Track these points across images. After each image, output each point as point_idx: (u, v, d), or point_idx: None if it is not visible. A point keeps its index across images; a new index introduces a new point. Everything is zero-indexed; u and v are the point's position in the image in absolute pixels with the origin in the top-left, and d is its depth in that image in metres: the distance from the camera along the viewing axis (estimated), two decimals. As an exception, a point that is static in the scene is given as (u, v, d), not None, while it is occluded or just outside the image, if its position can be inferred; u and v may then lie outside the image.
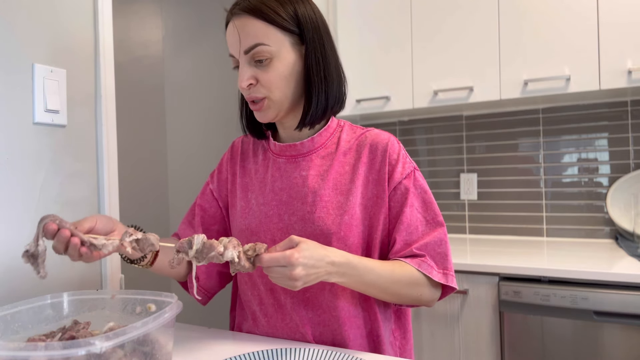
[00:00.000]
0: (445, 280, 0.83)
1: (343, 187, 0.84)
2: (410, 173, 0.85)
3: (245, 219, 0.89)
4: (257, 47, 0.78)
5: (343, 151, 0.87)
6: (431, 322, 1.63)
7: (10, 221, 0.87)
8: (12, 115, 0.88)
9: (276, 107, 0.83)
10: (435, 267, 0.83)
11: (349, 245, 0.82)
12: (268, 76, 0.80)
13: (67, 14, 0.99)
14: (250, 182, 0.93)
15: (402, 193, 0.84)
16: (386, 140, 0.86)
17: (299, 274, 0.68)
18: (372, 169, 0.85)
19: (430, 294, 0.84)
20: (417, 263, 0.81)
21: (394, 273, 0.79)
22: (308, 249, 0.70)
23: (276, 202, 0.87)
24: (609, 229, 1.90)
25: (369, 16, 2.05)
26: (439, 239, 0.83)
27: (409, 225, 0.83)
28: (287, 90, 0.82)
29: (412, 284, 0.81)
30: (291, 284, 0.69)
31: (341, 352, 0.75)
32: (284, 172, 0.88)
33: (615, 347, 1.33)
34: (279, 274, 0.69)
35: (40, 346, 0.51)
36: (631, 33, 1.58)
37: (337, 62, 0.86)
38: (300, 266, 0.68)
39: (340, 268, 0.73)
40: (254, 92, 0.81)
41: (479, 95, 1.83)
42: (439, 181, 2.23)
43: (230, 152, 1.00)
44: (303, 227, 0.83)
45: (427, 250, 0.83)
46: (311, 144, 0.88)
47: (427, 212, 0.85)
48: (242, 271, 0.71)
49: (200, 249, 0.70)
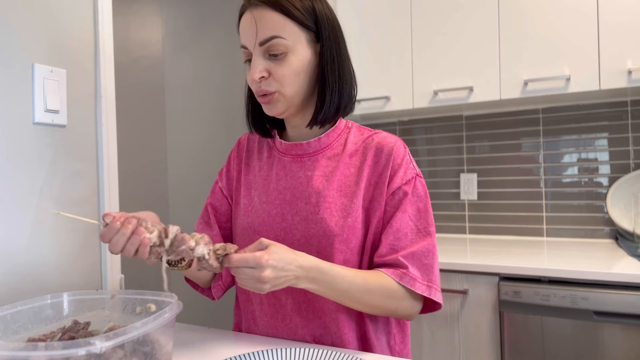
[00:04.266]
0: (428, 293, 0.79)
1: (348, 190, 0.83)
2: (411, 179, 0.83)
3: (248, 217, 0.89)
4: (273, 39, 0.77)
5: (349, 153, 0.86)
6: (431, 322, 1.63)
7: (10, 221, 0.87)
8: (12, 115, 0.88)
9: (286, 102, 0.82)
10: (420, 278, 0.79)
11: (350, 248, 0.82)
12: (282, 70, 0.79)
13: (67, 14, 0.99)
14: (254, 179, 0.92)
15: (399, 198, 0.82)
16: (392, 144, 0.84)
17: (267, 276, 0.67)
18: (374, 172, 0.84)
19: (409, 307, 0.81)
20: (399, 276, 0.78)
21: (367, 282, 0.76)
22: (277, 251, 0.69)
23: (280, 201, 0.86)
24: (609, 229, 1.90)
25: (369, 16, 2.05)
26: (427, 250, 0.81)
27: (398, 230, 0.81)
28: (299, 87, 0.81)
29: (387, 296, 0.78)
30: (259, 287, 0.68)
31: (341, 352, 0.75)
32: (289, 171, 0.88)
33: (615, 347, 1.33)
34: (247, 275, 0.67)
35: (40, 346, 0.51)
36: (631, 33, 1.58)
37: (349, 63, 0.86)
38: (269, 268, 0.67)
39: (309, 273, 0.72)
40: (265, 85, 0.80)
41: (479, 95, 1.83)
42: (439, 181, 2.23)
43: (236, 149, 0.99)
44: (306, 227, 0.83)
45: (413, 260, 0.80)
46: (317, 144, 0.87)
47: (420, 220, 0.83)
48: (208, 270, 0.70)
49: (172, 242, 0.69)
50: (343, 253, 0.81)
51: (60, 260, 0.97)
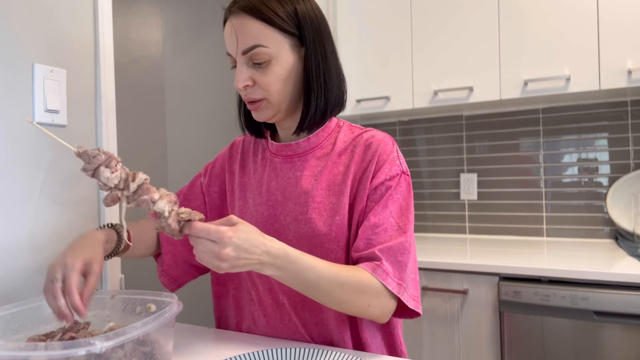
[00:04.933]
0: (398, 292, 0.75)
1: (336, 188, 0.83)
2: (396, 176, 0.81)
3: (242, 219, 0.89)
4: (255, 48, 0.77)
5: (338, 152, 0.86)
6: (431, 322, 1.63)
7: (10, 221, 0.87)
8: (12, 115, 0.88)
9: (274, 108, 0.82)
10: (392, 274, 0.75)
11: (341, 247, 0.81)
12: (266, 79, 0.79)
13: (67, 14, 0.99)
14: (249, 181, 0.92)
15: (381, 193, 0.80)
16: (380, 140, 0.83)
17: (228, 254, 0.62)
18: (360, 167, 0.82)
19: (381, 306, 0.76)
20: (372, 268, 0.75)
21: (339, 276, 0.72)
22: (245, 230, 0.65)
23: (272, 203, 0.86)
24: (609, 229, 1.90)
25: (369, 16, 2.05)
26: (403, 247, 0.78)
27: (376, 225, 0.78)
28: (285, 93, 0.81)
29: (359, 291, 0.73)
30: (216, 264, 0.63)
31: (341, 352, 0.75)
32: (279, 172, 0.88)
33: (615, 347, 1.33)
34: (206, 248, 0.63)
35: (40, 346, 0.51)
36: (631, 33, 1.58)
37: (337, 63, 0.85)
38: (231, 246, 0.62)
39: (276, 260, 0.67)
40: (251, 93, 0.80)
41: (479, 95, 1.83)
42: (439, 181, 2.23)
43: (229, 151, 0.99)
44: (297, 228, 0.82)
45: (388, 254, 0.76)
46: (307, 144, 0.87)
47: (401, 218, 0.80)
48: (166, 231, 0.66)
49: (137, 188, 0.66)
50: (334, 252, 0.81)
51: (60, 260, 0.97)
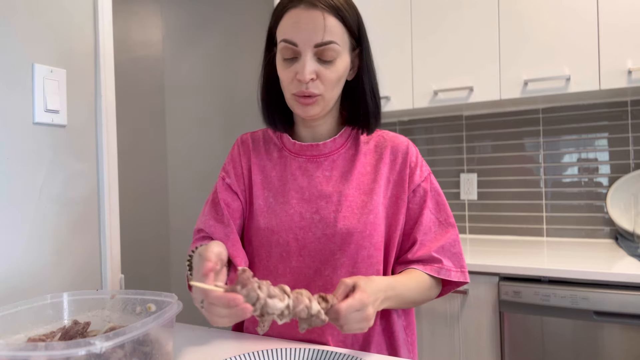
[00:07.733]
0: (464, 278, 0.87)
1: (366, 187, 0.86)
2: (427, 176, 0.89)
3: (264, 218, 0.88)
4: (330, 44, 0.78)
5: (364, 152, 0.90)
6: (431, 322, 1.63)
7: (10, 221, 0.87)
8: (12, 115, 0.88)
9: (324, 105, 0.83)
10: (453, 268, 0.86)
11: (373, 244, 0.84)
12: (330, 75, 0.80)
13: (67, 14, 0.99)
14: (266, 180, 0.91)
15: (420, 195, 0.88)
16: (406, 144, 0.91)
17: (371, 313, 0.68)
18: (393, 170, 0.89)
19: (436, 293, 0.89)
20: (436, 271, 0.85)
21: (420, 284, 0.83)
22: (368, 285, 0.70)
23: (297, 201, 0.87)
24: (609, 229, 1.90)
25: (369, 16, 2.05)
26: (453, 240, 0.87)
27: (425, 226, 0.87)
28: (337, 92, 0.84)
29: (428, 289, 0.85)
30: (365, 325, 0.68)
31: (341, 352, 0.75)
32: (305, 171, 0.89)
33: (615, 347, 1.33)
34: (355, 319, 0.67)
35: (40, 346, 0.51)
36: (631, 33, 1.58)
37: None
38: (370, 305, 0.68)
39: (386, 293, 0.75)
40: (312, 87, 0.80)
41: (479, 95, 1.83)
42: (439, 181, 2.23)
43: (241, 148, 0.96)
44: (324, 227, 0.84)
45: (444, 253, 0.86)
46: (333, 145, 0.89)
47: (440, 213, 0.89)
48: (312, 326, 0.66)
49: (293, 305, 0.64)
50: (366, 249, 0.83)
51: (60, 260, 0.97)
